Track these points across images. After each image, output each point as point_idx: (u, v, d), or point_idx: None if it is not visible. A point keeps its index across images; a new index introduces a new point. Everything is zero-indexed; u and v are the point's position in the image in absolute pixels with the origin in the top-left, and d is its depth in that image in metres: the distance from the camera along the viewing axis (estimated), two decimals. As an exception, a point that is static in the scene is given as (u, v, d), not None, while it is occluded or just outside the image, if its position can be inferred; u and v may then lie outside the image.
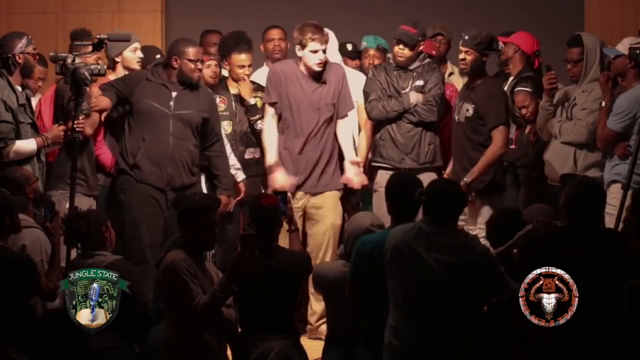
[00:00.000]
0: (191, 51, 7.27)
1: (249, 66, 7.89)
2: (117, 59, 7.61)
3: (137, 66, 7.62)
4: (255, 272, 5.48)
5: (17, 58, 6.90)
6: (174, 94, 7.24)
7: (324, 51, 7.31)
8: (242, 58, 7.82)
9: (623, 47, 7.11)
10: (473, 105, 7.29)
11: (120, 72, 7.60)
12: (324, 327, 7.26)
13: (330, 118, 7.40)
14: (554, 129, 7.36)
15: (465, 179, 7.14)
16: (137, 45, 7.64)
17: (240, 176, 7.63)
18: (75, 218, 5.81)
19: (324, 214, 7.34)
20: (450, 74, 8.17)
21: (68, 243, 5.96)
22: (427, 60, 7.64)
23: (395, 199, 5.57)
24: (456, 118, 7.42)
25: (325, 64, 7.34)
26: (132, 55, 7.59)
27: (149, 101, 7.19)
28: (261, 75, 8.06)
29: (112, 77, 7.61)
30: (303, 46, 7.28)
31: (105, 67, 6.99)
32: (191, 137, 7.29)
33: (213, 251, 6.39)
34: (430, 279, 5.03)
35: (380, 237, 5.52)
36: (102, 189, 7.44)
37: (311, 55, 7.28)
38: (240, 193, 7.59)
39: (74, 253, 5.96)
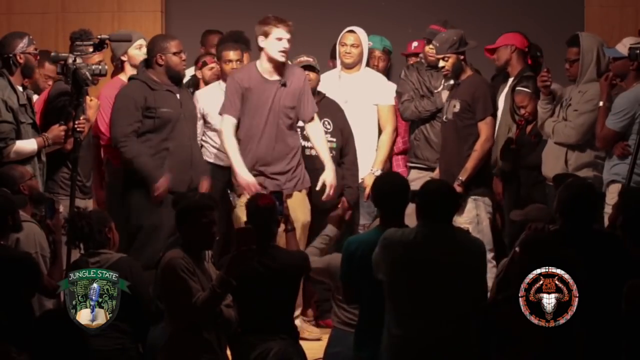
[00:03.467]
0: (173, 44, 7.23)
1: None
2: (124, 58, 7.60)
3: None
4: (252, 266, 5.49)
5: (18, 58, 6.90)
6: (177, 95, 7.24)
7: (289, 41, 7.17)
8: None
9: (624, 47, 7.10)
10: (459, 101, 7.28)
11: (129, 70, 7.59)
12: (297, 321, 7.29)
13: (291, 120, 7.29)
14: (549, 128, 7.37)
15: (460, 177, 7.13)
16: (141, 42, 7.63)
17: None
18: (77, 218, 5.81)
19: (295, 215, 7.28)
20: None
21: (69, 243, 5.96)
22: None
23: (384, 200, 5.59)
24: (444, 118, 7.42)
25: (284, 65, 7.24)
26: (137, 52, 7.59)
27: (166, 109, 7.17)
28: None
29: (122, 76, 7.60)
30: (266, 34, 7.13)
31: (106, 67, 6.98)
32: (196, 134, 7.35)
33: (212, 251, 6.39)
34: (431, 279, 5.05)
35: (365, 236, 5.64)
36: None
37: (275, 43, 7.11)
38: None
39: (75, 254, 5.96)
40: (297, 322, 7.31)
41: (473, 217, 7.22)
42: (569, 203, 5.35)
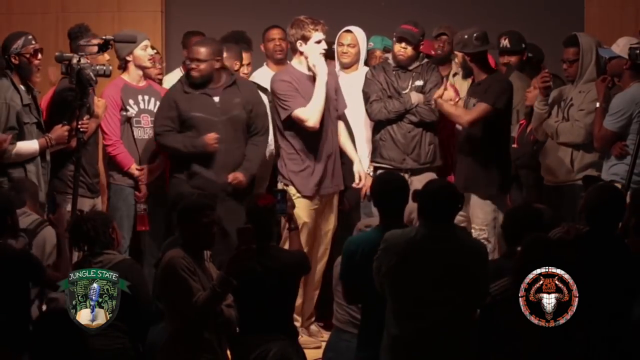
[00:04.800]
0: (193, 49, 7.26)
1: (248, 65, 7.87)
2: (129, 58, 7.59)
3: (148, 64, 7.62)
4: (252, 266, 5.50)
5: (13, 59, 6.87)
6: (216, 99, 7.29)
7: (325, 41, 7.27)
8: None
9: (618, 48, 7.15)
10: (477, 98, 7.26)
11: (133, 71, 7.58)
12: (313, 326, 7.30)
13: (337, 112, 7.41)
14: (550, 129, 7.36)
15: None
16: (147, 42, 7.63)
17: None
18: (82, 222, 5.79)
19: (331, 214, 7.34)
20: (455, 74, 8.13)
21: (71, 245, 5.95)
22: (426, 60, 7.64)
23: (383, 199, 5.59)
24: None
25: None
26: (142, 53, 7.57)
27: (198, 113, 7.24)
28: (261, 76, 8.05)
29: (125, 77, 7.61)
30: (306, 39, 7.19)
31: (110, 68, 6.97)
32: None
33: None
34: (430, 279, 5.03)
35: (366, 236, 5.62)
36: (117, 188, 7.50)
37: (316, 46, 7.20)
38: None
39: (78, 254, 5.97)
40: (313, 327, 7.35)
41: (491, 220, 7.18)
42: (596, 207, 5.29)
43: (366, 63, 8.15)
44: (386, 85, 7.56)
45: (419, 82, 7.53)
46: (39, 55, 6.98)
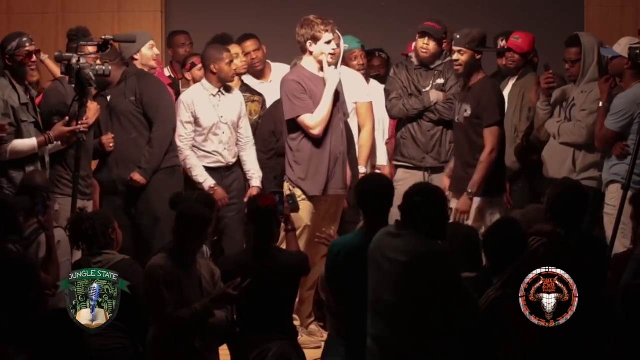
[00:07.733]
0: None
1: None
2: (136, 57, 7.59)
3: (153, 63, 7.63)
4: (252, 266, 5.59)
5: (7, 60, 6.84)
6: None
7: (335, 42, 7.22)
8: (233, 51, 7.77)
9: (620, 47, 7.14)
10: (470, 105, 7.24)
11: None
12: (313, 326, 7.30)
13: (345, 116, 7.36)
14: (552, 129, 7.36)
15: (469, 190, 7.04)
16: (152, 42, 7.69)
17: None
18: (81, 221, 5.79)
19: (336, 217, 7.33)
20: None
21: (71, 243, 5.95)
22: (448, 58, 7.59)
23: (366, 201, 5.52)
24: (456, 119, 7.37)
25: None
26: (149, 52, 7.60)
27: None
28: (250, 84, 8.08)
29: None
30: (316, 39, 7.10)
31: (110, 68, 6.96)
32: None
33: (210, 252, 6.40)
34: (387, 280, 4.91)
35: (348, 239, 5.59)
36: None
37: (326, 46, 7.12)
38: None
39: (77, 254, 5.96)
40: (313, 326, 7.35)
41: (487, 219, 7.08)
42: (556, 203, 5.36)
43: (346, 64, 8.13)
44: (407, 83, 7.57)
45: (440, 81, 7.52)
46: (34, 58, 6.91)
